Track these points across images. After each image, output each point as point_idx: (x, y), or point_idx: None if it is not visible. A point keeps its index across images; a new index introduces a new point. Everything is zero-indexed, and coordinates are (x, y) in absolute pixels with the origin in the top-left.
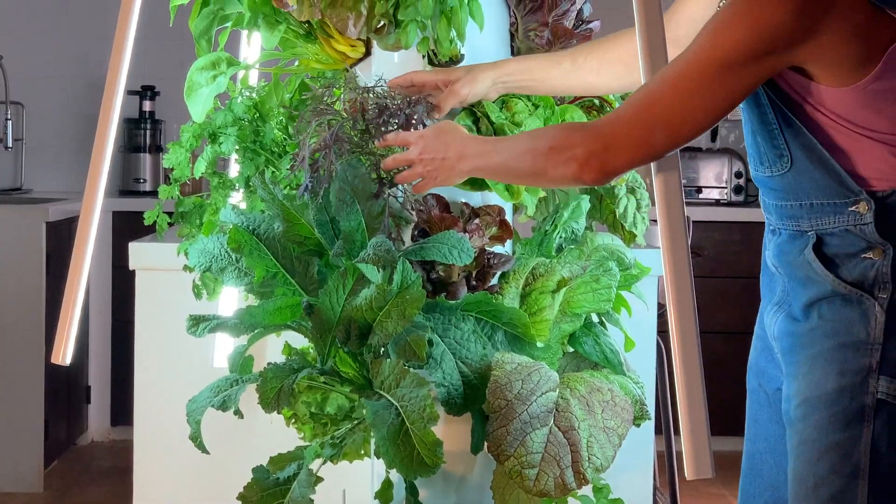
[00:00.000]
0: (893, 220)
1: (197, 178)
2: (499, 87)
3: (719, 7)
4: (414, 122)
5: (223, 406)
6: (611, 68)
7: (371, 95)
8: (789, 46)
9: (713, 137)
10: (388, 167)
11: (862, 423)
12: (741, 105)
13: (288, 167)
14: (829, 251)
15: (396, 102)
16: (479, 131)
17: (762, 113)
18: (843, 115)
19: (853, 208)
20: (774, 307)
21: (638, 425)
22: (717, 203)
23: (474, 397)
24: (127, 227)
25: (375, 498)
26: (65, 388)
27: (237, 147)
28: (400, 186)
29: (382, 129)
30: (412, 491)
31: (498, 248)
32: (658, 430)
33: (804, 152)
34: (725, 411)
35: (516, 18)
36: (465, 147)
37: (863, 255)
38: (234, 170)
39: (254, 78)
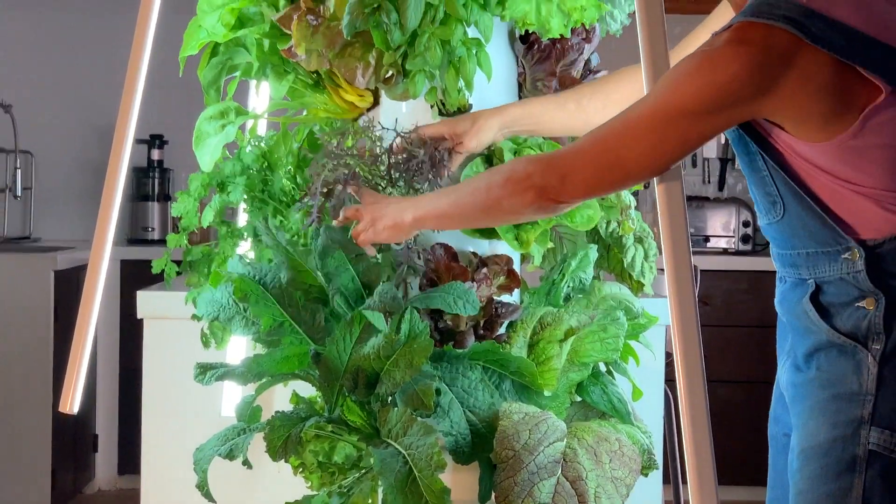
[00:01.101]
0: (884, 269)
1: (205, 227)
2: (505, 133)
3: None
4: (437, 163)
5: (230, 455)
6: (615, 108)
7: (399, 140)
8: (746, 101)
9: (720, 187)
10: (354, 234)
11: (853, 474)
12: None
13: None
14: (826, 300)
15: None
16: None
17: (752, 161)
18: (824, 167)
19: (845, 256)
20: (785, 356)
21: (646, 475)
22: (725, 252)
23: (482, 446)
24: (135, 276)
25: None
26: (72, 437)
27: (245, 196)
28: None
29: (409, 172)
30: None
31: (506, 298)
32: (666, 480)
33: (794, 199)
34: (735, 461)
35: (524, 68)
36: (413, 200)
37: (856, 305)
38: (242, 219)
39: (262, 127)
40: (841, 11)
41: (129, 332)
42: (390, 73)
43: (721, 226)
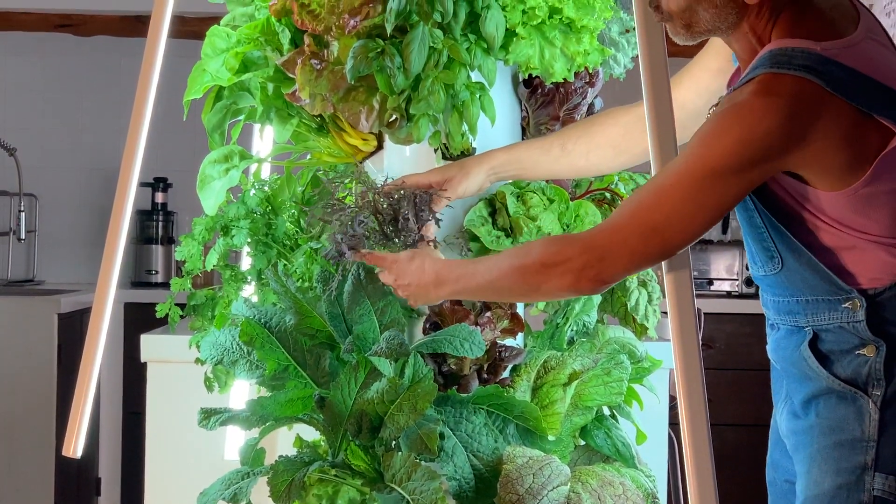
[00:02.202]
0: (885, 317)
1: (209, 271)
2: (492, 178)
3: (709, 114)
4: (422, 213)
5: (234, 499)
6: (600, 151)
7: (381, 197)
8: (779, 154)
9: (724, 230)
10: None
11: None
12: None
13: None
14: (825, 347)
15: (402, 194)
16: (495, 223)
17: (750, 216)
18: (836, 217)
19: (846, 305)
20: (781, 403)
21: None
22: (729, 295)
23: (486, 490)
24: (138, 319)
25: None
26: (75, 480)
27: (249, 240)
28: None
29: (395, 227)
30: None
31: (509, 341)
32: None
33: (792, 255)
34: None
35: (528, 112)
36: (441, 273)
37: (856, 352)
38: (246, 262)
39: (266, 171)
40: (851, 60)
41: (133, 376)
42: (394, 117)
43: (724, 269)
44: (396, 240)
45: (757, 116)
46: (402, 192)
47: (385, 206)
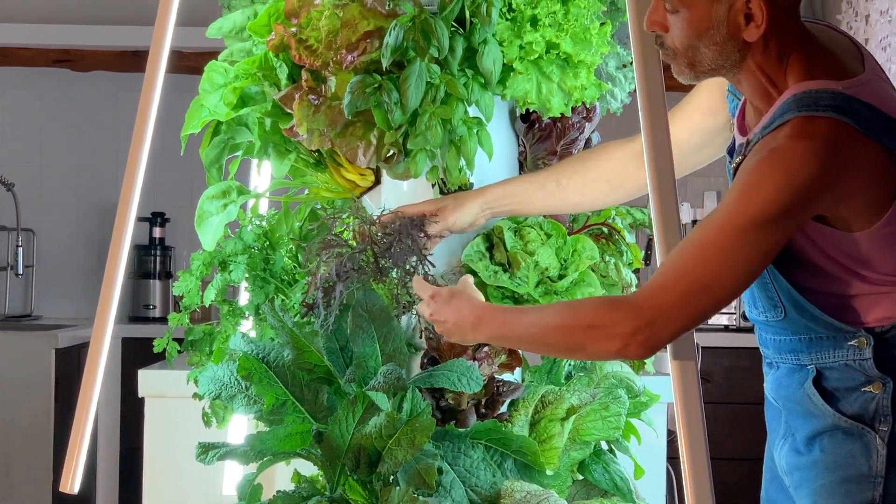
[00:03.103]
0: (892, 354)
1: (207, 306)
2: (486, 213)
3: (731, 164)
4: (413, 242)
5: None
6: (595, 186)
7: (376, 228)
8: (818, 197)
9: None
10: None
11: None
12: None
13: (301, 302)
14: (829, 385)
15: (396, 226)
16: (492, 258)
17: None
18: (855, 256)
19: (852, 343)
20: (781, 440)
21: None
22: (726, 329)
23: None
24: (136, 354)
25: None
26: None
27: (247, 275)
28: (415, 312)
29: (390, 258)
30: None
31: (507, 376)
32: None
33: (795, 308)
34: None
35: (525, 147)
36: (482, 315)
37: (863, 389)
38: (243, 297)
39: (264, 206)
40: (870, 98)
41: (131, 411)
42: (391, 152)
43: None
44: (392, 273)
45: (798, 161)
46: (397, 222)
47: (380, 237)
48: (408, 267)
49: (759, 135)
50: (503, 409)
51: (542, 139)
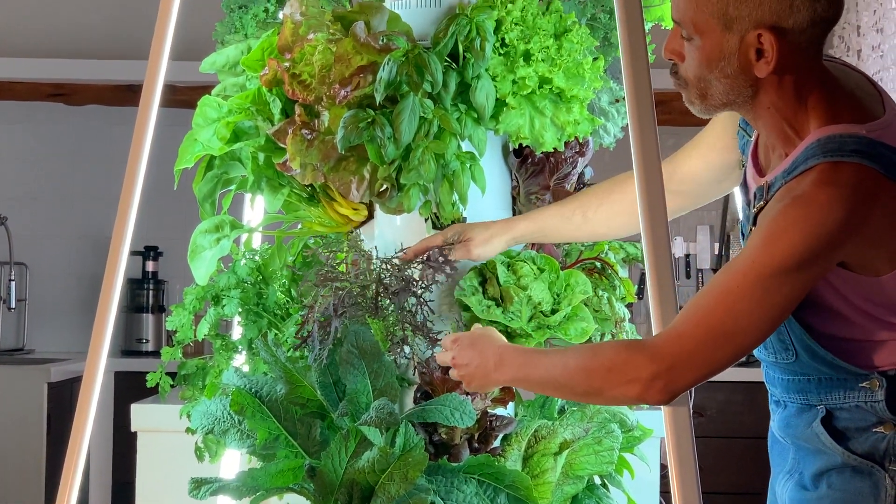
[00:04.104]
0: None
1: (200, 340)
2: (511, 245)
3: (751, 210)
4: (419, 292)
5: None
6: (620, 219)
7: (385, 266)
8: (843, 244)
9: None
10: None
11: None
12: None
13: (296, 334)
14: (839, 424)
15: (407, 273)
16: (485, 292)
17: None
18: (878, 301)
19: (864, 385)
20: (786, 475)
21: None
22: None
23: None
24: (128, 388)
25: None
26: None
27: (240, 309)
28: (406, 348)
29: (397, 299)
30: None
31: (500, 411)
32: None
33: (807, 353)
34: None
35: (518, 181)
36: (503, 357)
37: (874, 430)
38: (236, 332)
39: (257, 240)
40: (893, 140)
41: (123, 445)
42: (384, 186)
43: None
44: (388, 310)
45: (824, 209)
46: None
47: (388, 276)
48: (408, 306)
49: (781, 179)
50: (496, 443)
51: (535, 174)
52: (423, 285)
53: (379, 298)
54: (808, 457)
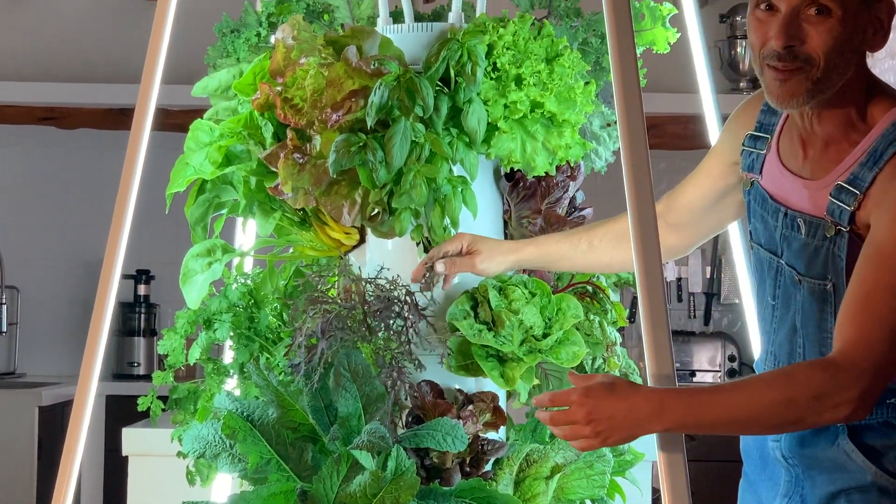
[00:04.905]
0: None
1: (191, 364)
2: (514, 268)
3: (850, 207)
4: (408, 315)
5: None
6: (623, 247)
7: (371, 287)
8: None
9: (706, 321)
10: (552, 423)
11: None
12: (788, 306)
13: (284, 354)
14: (869, 441)
15: (396, 294)
16: (476, 316)
17: (822, 319)
18: None
19: (891, 401)
20: (782, 498)
21: None
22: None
23: None
24: (120, 411)
25: None
26: None
27: (232, 333)
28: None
29: (385, 320)
30: None
31: (492, 435)
32: None
33: None
34: None
35: (509, 205)
36: (663, 402)
37: None
38: (228, 356)
39: (249, 264)
40: None
41: (114, 469)
42: (376, 210)
43: (707, 360)
44: (380, 333)
45: None
46: (393, 288)
47: (371, 297)
48: (395, 327)
49: (866, 168)
50: (488, 467)
51: (527, 198)
52: (410, 304)
53: (368, 320)
54: (819, 477)
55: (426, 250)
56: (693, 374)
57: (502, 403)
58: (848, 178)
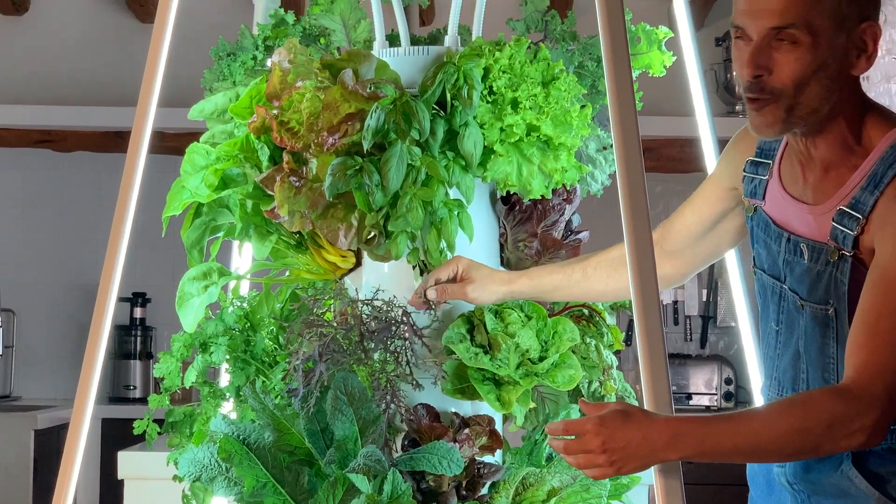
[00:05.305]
0: None
1: (187, 388)
2: (507, 299)
3: (852, 232)
4: (406, 336)
5: None
6: (618, 275)
7: (368, 308)
8: None
9: (703, 344)
10: (566, 452)
11: None
12: (792, 331)
13: (281, 377)
14: (872, 467)
15: (393, 315)
16: (472, 339)
17: (825, 345)
18: None
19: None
20: None
21: None
22: (708, 410)
23: None
24: (116, 435)
25: None
26: None
27: (228, 356)
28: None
29: (382, 341)
30: None
31: (488, 458)
32: None
33: None
34: None
35: (505, 229)
36: (678, 431)
37: None
38: (224, 379)
39: (245, 288)
40: None
41: (110, 493)
42: (372, 234)
43: (703, 383)
44: (376, 354)
45: None
46: (390, 310)
47: (367, 318)
48: (392, 348)
49: (867, 192)
50: (484, 490)
51: (523, 221)
52: (408, 324)
53: (364, 342)
54: (824, 502)
55: (422, 273)
56: (689, 396)
57: (498, 427)
58: (850, 202)
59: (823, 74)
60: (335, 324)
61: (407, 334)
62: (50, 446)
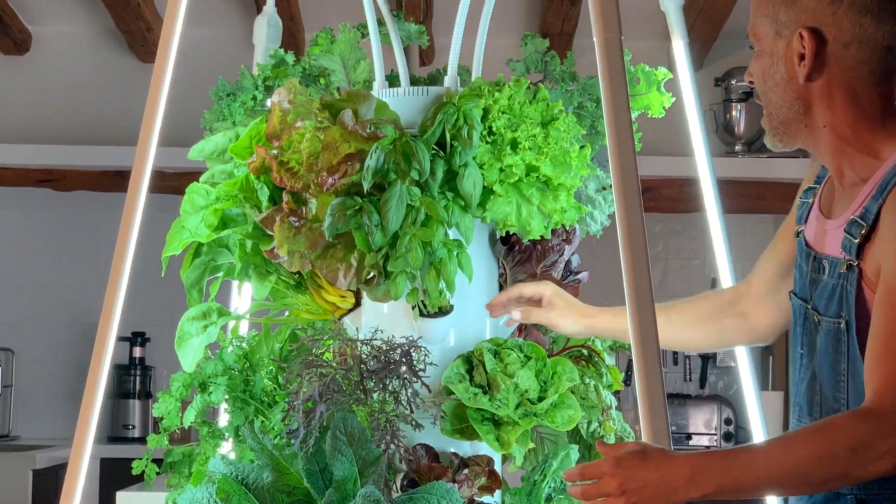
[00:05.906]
0: None
1: (186, 428)
2: (586, 334)
3: (856, 240)
4: (405, 377)
5: None
6: (694, 326)
7: (367, 348)
8: None
9: (702, 384)
10: (584, 497)
11: None
12: (812, 354)
13: (280, 418)
14: None
15: (394, 355)
16: (471, 380)
17: (836, 361)
18: None
19: None
20: None
21: None
22: (707, 450)
23: None
24: (114, 475)
25: None
26: None
27: (227, 396)
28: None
29: (382, 381)
30: None
31: (487, 498)
32: None
33: None
34: None
35: (505, 269)
36: (697, 467)
37: None
38: (223, 419)
39: (244, 328)
40: None
41: None
42: (372, 274)
43: (703, 423)
44: (376, 394)
45: None
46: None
47: (368, 357)
48: (392, 387)
49: (874, 199)
50: None
51: (522, 261)
52: (408, 364)
53: (364, 381)
54: None
55: (422, 313)
56: (689, 437)
57: (497, 467)
58: (861, 212)
59: (772, 82)
60: (335, 364)
61: (406, 374)
62: (48, 486)
